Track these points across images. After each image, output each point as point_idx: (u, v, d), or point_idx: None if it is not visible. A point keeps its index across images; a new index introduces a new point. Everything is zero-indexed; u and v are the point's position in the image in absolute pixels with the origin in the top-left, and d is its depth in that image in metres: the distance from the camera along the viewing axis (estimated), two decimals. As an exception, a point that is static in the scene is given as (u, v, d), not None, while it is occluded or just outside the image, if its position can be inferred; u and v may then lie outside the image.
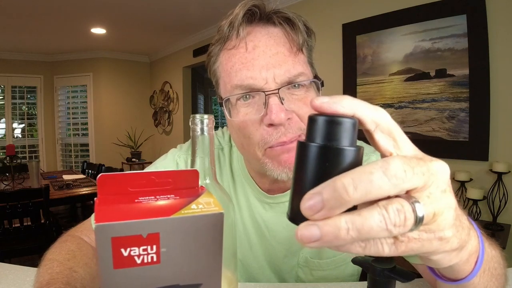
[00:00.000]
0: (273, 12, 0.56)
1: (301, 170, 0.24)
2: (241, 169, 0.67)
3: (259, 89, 0.53)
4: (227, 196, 0.42)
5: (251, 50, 0.54)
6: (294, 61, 0.54)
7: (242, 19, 0.54)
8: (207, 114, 0.40)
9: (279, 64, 0.53)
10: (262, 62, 0.53)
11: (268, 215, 0.66)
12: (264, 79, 0.53)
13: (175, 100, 4.70)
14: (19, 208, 2.25)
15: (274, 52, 0.53)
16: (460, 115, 1.95)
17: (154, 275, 0.25)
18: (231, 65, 0.55)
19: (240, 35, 0.54)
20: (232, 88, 0.55)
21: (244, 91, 0.54)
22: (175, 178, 0.30)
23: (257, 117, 0.54)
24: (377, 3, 2.31)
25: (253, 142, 0.56)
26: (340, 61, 2.55)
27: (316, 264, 0.65)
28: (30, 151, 4.87)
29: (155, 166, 0.71)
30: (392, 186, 0.21)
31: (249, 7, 0.55)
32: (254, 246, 0.67)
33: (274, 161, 0.55)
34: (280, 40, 0.55)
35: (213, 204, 0.27)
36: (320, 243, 0.21)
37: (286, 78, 0.53)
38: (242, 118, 0.55)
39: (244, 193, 0.67)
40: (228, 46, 0.56)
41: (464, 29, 1.89)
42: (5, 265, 0.68)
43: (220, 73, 0.59)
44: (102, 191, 0.28)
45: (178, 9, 3.24)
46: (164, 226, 0.24)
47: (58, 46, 4.46)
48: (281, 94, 0.53)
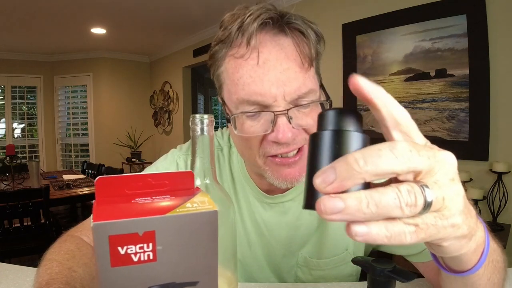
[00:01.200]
0: (285, 23, 0.53)
1: (314, 157, 0.26)
2: (241, 169, 0.67)
3: (267, 106, 0.51)
4: (227, 196, 0.42)
5: (262, 64, 0.51)
6: (305, 77, 0.52)
7: (254, 29, 0.51)
8: (207, 114, 0.40)
9: (290, 81, 0.51)
10: (272, 78, 0.50)
11: (268, 214, 0.66)
12: (274, 96, 0.50)
13: (175, 100, 4.70)
14: (19, 208, 2.25)
15: (285, 67, 0.51)
16: (460, 115, 1.95)
17: (150, 273, 0.25)
18: (239, 76, 0.52)
19: (250, 45, 0.51)
20: (238, 101, 0.53)
21: (252, 107, 0.52)
22: (171, 180, 0.30)
23: (262, 132, 0.53)
24: (377, 3, 2.31)
25: (254, 152, 0.55)
26: (340, 61, 2.55)
27: (315, 264, 0.65)
28: (30, 151, 4.87)
29: (155, 166, 0.71)
30: (398, 163, 0.22)
31: (263, 17, 0.51)
32: (254, 245, 0.67)
33: (275, 172, 0.55)
34: (291, 53, 0.52)
35: (207, 202, 0.27)
36: (342, 215, 0.22)
37: (295, 96, 0.51)
38: (247, 131, 0.54)
39: (243, 193, 0.67)
40: (236, 54, 0.53)
41: (464, 29, 1.89)
42: (5, 265, 0.68)
43: (224, 80, 0.56)
44: (100, 193, 0.28)
45: (178, 9, 3.24)
46: (159, 224, 0.25)
47: (58, 46, 4.46)
48: (289, 113, 0.51)
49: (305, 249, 0.66)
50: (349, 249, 0.65)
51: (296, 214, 0.65)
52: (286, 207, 0.65)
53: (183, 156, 0.69)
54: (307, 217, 0.65)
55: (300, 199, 0.65)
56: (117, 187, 0.29)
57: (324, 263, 0.65)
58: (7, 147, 3.37)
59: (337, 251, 0.65)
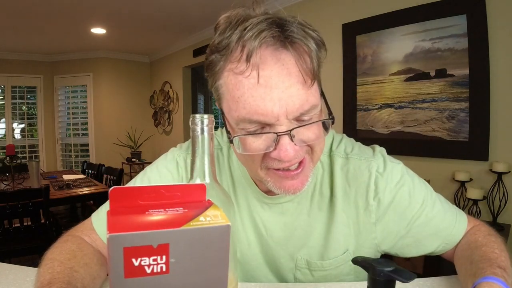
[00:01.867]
0: (285, 37, 0.50)
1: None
2: (240, 169, 0.67)
3: (269, 125, 0.51)
4: (228, 197, 0.42)
5: (263, 82, 0.49)
6: (307, 93, 0.51)
7: (255, 47, 0.48)
8: (207, 114, 0.40)
9: (292, 99, 0.49)
10: (275, 98, 0.49)
11: (266, 214, 0.66)
12: (276, 116, 0.49)
13: (175, 100, 4.70)
14: (19, 208, 2.25)
15: (287, 85, 0.49)
16: (460, 115, 1.95)
17: (163, 284, 0.26)
18: (240, 94, 0.50)
19: (250, 62, 0.49)
20: (239, 119, 0.52)
21: (253, 125, 0.51)
22: (183, 192, 0.31)
23: (264, 149, 0.52)
24: (377, 3, 2.31)
25: (256, 166, 0.55)
26: (340, 61, 2.55)
27: (318, 265, 0.65)
28: (30, 151, 4.88)
29: (156, 165, 0.71)
30: None
31: (265, 37, 0.48)
32: (252, 244, 0.67)
33: (277, 183, 0.55)
34: (293, 69, 0.50)
35: (220, 216, 0.28)
36: None
37: (298, 114, 0.50)
38: (249, 147, 0.53)
39: (243, 192, 0.67)
40: (235, 69, 0.50)
41: (464, 29, 1.89)
42: (5, 265, 0.68)
43: (224, 94, 0.54)
44: (114, 203, 0.29)
45: (178, 9, 3.24)
46: (173, 237, 0.25)
47: (58, 46, 4.46)
48: (292, 132, 0.51)
49: (305, 251, 0.66)
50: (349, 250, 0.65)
51: (294, 215, 0.65)
52: (284, 207, 0.65)
53: (183, 154, 0.69)
54: (305, 218, 0.65)
55: (298, 200, 0.65)
56: (130, 197, 0.29)
57: (328, 263, 0.65)
58: (7, 147, 3.37)
59: (337, 253, 0.65)
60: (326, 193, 0.65)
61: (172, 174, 0.68)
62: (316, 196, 0.65)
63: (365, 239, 0.64)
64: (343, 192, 0.64)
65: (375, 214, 0.63)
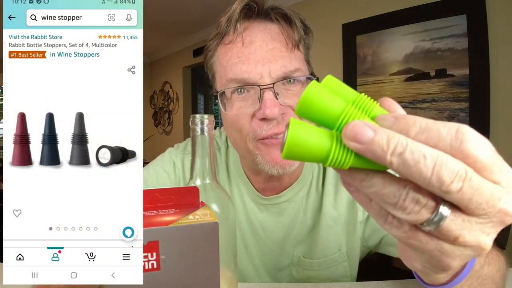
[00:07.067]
0: (270, 8, 0.56)
1: None
2: (237, 169, 0.68)
3: (254, 83, 0.53)
4: (228, 197, 0.42)
5: (248, 44, 0.54)
6: (291, 57, 0.55)
7: (239, 14, 0.55)
8: (207, 114, 0.40)
9: (275, 59, 0.53)
10: (258, 57, 0.53)
11: (263, 216, 0.66)
12: (259, 73, 0.53)
13: (175, 100, 4.70)
14: (19, 208, 2.25)
15: (271, 47, 0.54)
16: (460, 115, 1.95)
17: (155, 281, 0.27)
18: (227, 59, 0.56)
19: (237, 30, 0.55)
20: (227, 81, 0.56)
21: (239, 85, 0.55)
22: (177, 195, 0.32)
23: (250, 111, 0.54)
24: (377, 3, 2.31)
25: (244, 135, 0.56)
26: (340, 61, 2.54)
27: (307, 264, 0.65)
28: (30, 151, 4.87)
29: (153, 165, 0.71)
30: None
31: (246, 2, 0.55)
32: (249, 246, 0.67)
33: (266, 155, 0.55)
34: (277, 36, 0.55)
35: (209, 215, 0.29)
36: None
37: (281, 73, 0.54)
38: (236, 112, 0.56)
39: (239, 194, 0.67)
40: (225, 41, 0.57)
41: (464, 29, 1.89)
42: (5, 265, 0.68)
43: (216, 67, 0.60)
44: None
45: (178, 9, 3.24)
46: (162, 235, 0.27)
47: (58, 46, 4.46)
48: (276, 89, 0.53)
49: (299, 248, 0.66)
50: (342, 250, 0.65)
51: (291, 214, 0.66)
52: (281, 208, 0.65)
53: (180, 155, 0.70)
54: (302, 217, 0.65)
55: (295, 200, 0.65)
56: None
57: (317, 263, 0.65)
58: (7, 147, 3.37)
59: (330, 252, 0.65)
60: (320, 191, 0.66)
61: (169, 175, 0.68)
62: (312, 193, 0.66)
63: (356, 239, 0.64)
64: (335, 189, 0.64)
65: (362, 213, 0.63)
